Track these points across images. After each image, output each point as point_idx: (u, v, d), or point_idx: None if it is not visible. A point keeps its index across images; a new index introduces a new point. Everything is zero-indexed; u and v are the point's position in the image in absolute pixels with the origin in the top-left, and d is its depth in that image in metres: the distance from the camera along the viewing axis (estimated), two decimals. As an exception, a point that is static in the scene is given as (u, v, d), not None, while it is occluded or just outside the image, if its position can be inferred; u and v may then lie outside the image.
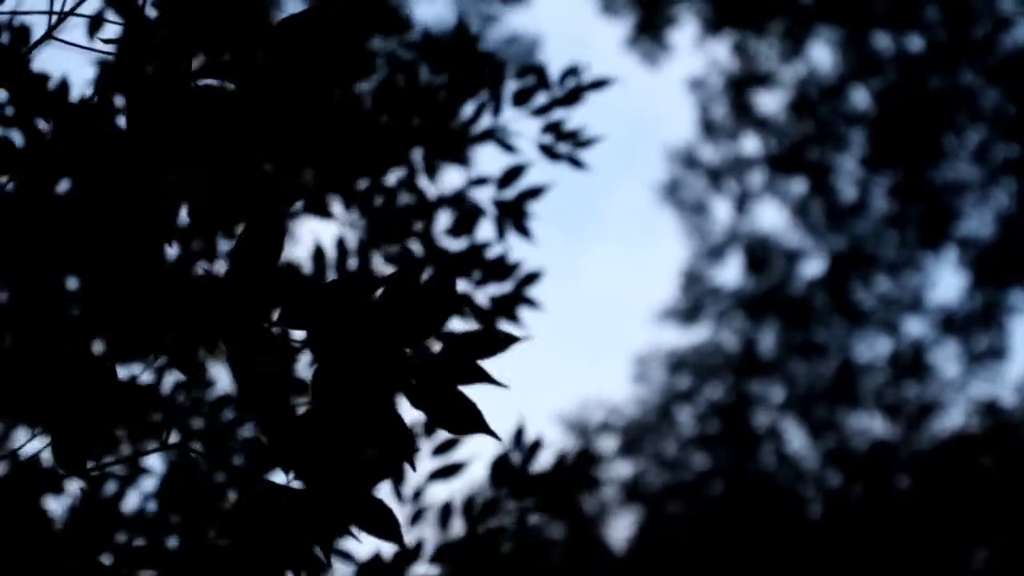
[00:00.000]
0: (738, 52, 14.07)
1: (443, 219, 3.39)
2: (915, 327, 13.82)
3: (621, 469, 14.71)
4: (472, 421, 1.50)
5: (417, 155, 3.33)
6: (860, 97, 13.58)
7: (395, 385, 1.50)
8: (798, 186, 14.14)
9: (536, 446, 3.25)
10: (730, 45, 14.20)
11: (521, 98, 3.28)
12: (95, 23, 2.82)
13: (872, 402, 13.88)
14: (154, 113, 1.56)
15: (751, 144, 15.44)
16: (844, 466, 13.88)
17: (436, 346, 1.54)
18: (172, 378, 3.29)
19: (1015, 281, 13.23)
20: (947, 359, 13.62)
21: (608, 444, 14.99)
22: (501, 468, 3.23)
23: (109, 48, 1.66)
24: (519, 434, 3.28)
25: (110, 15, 2.81)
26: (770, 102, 14.09)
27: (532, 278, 3.28)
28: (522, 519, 3.24)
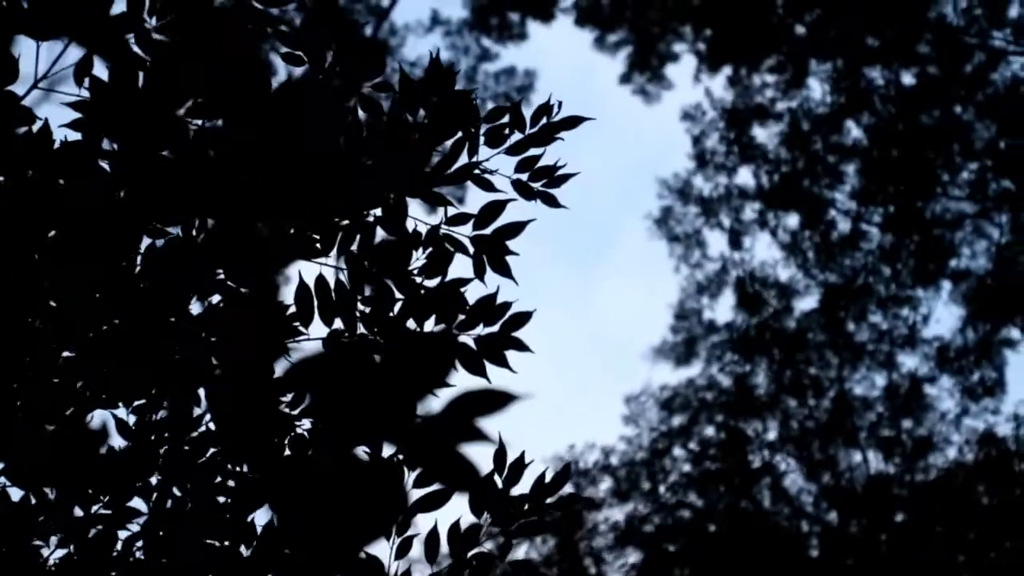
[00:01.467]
0: (734, 87, 14.09)
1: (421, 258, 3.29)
2: (910, 361, 13.77)
3: (616, 511, 14.61)
4: (468, 479, 1.47)
5: (394, 195, 3.24)
6: (854, 131, 13.59)
7: (393, 445, 1.50)
8: (792, 220, 14.13)
9: (518, 467, 3.15)
10: (726, 80, 14.23)
11: (494, 137, 3.20)
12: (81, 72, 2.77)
13: (868, 438, 13.80)
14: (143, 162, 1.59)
15: (745, 178, 15.45)
16: (841, 503, 13.79)
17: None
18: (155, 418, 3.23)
19: (1010, 314, 13.18)
20: (943, 392, 13.56)
21: (603, 485, 14.90)
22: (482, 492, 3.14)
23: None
24: (501, 456, 3.18)
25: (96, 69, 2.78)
26: (765, 136, 14.12)
27: (521, 319, 3.17)
28: (507, 544, 3.15)
